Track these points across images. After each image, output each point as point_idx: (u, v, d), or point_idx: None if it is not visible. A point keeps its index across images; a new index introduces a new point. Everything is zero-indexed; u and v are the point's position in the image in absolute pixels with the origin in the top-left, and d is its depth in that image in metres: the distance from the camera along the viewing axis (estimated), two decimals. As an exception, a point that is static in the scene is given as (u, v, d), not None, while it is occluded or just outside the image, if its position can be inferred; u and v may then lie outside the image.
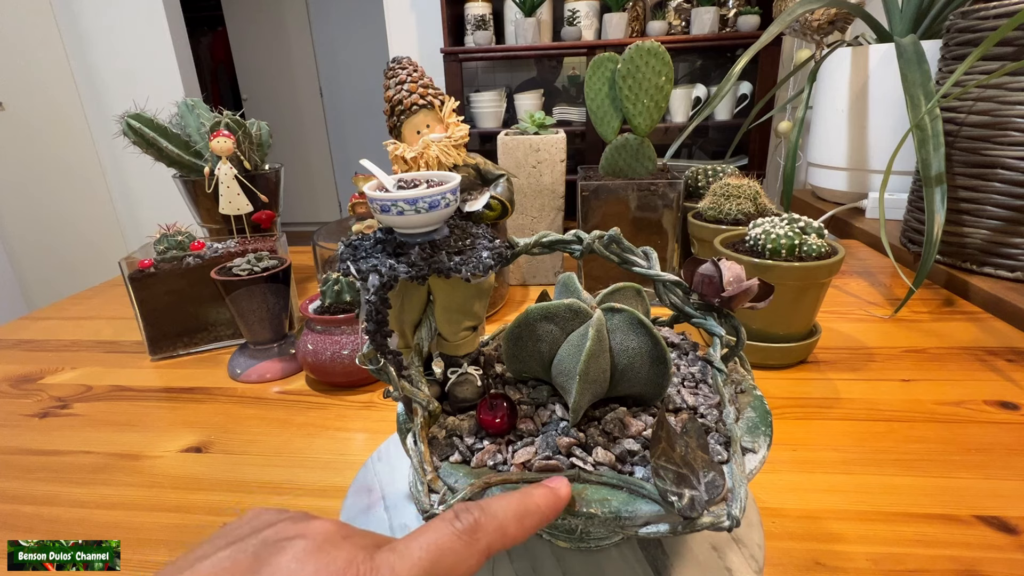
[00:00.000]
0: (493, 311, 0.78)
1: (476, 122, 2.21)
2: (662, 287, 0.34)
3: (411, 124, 0.31)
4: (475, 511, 0.21)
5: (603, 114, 0.74)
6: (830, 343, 0.65)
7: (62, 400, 0.61)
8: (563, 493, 0.23)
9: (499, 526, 0.21)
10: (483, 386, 0.33)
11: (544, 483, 0.24)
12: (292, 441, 0.52)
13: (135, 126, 0.81)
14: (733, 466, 0.27)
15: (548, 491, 0.23)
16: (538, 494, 0.23)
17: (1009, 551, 0.36)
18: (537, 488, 0.23)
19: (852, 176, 1.13)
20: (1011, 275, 0.75)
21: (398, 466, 0.43)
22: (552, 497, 0.23)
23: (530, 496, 0.23)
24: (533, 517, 0.22)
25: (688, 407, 0.31)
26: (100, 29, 2.26)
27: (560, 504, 0.23)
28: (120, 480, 0.48)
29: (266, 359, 0.64)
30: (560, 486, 0.24)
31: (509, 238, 0.31)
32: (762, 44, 0.93)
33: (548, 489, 0.23)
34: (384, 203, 0.27)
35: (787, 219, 0.58)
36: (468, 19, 2.06)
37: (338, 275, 0.59)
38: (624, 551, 0.34)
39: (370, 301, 0.27)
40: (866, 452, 0.47)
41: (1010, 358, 0.60)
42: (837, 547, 0.37)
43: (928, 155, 0.70)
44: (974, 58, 0.66)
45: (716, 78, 2.27)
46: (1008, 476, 0.43)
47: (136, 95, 1.02)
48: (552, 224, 0.84)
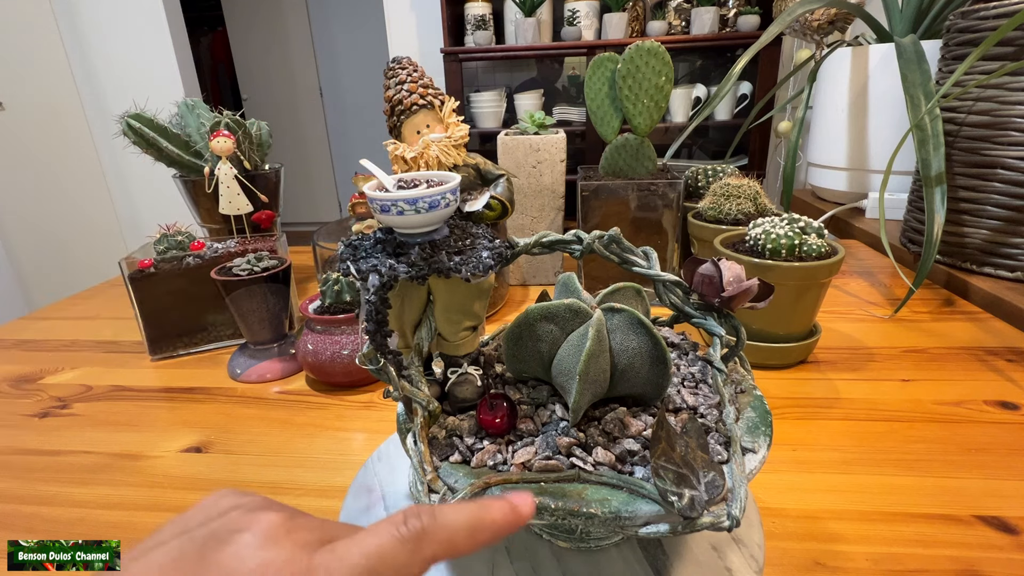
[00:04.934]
0: (493, 311, 0.78)
1: (476, 122, 2.20)
2: (662, 287, 0.34)
3: (411, 124, 0.31)
4: (425, 517, 0.20)
5: (603, 114, 0.74)
6: (830, 343, 0.65)
7: (62, 400, 0.61)
8: (524, 512, 0.22)
9: (448, 537, 0.20)
10: (483, 386, 0.33)
11: (507, 497, 0.22)
12: (292, 441, 0.52)
13: (135, 126, 0.81)
14: (733, 466, 0.27)
15: (508, 508, 0.22)
16: (496, 508, 0.21)
17: (1009, 551, 0.36)
18: (496, 502, 0.22)
19: (852, 176, 1.13)
20: (1011, 275, 0.75)
21: (398, 466, 0.43)
22: (512, 515, 0.22)
23: (487, 511, 0.21)
24: (486, 532, 0.21)
25: (688, 407, 0.31)
26: (100, 29, 2.26)
27: (519, 522, 0.22)
28: (120, 480, 0.48)
29: (266, 359, 0.64)
30: (522, 504, 0.22)
31: (509, 238, 0.31)
32: (762, 44, 0.93)
33: (509, 505, 0.22)
34: (384, 203, 0.27)
35: (787, 219, 0.58)
36: (468, 19, 2.06)
37: (338, 275, 0.59)
38: (624, 551, 0.34)
39: (370, 301, 0.27)
40: (866, 452, 0.47)
41: (1010, 358, 0.60)
42: (837, 547, 0.37)
43: (928, 155, 0.70)
44: (974, 58, 0.66)
45: (716, 78, 2.27)
46: (1008, 476, 0.43)
47: (136, 95, 1.02)
48: (552, 224, 0.84)
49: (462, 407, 0.32)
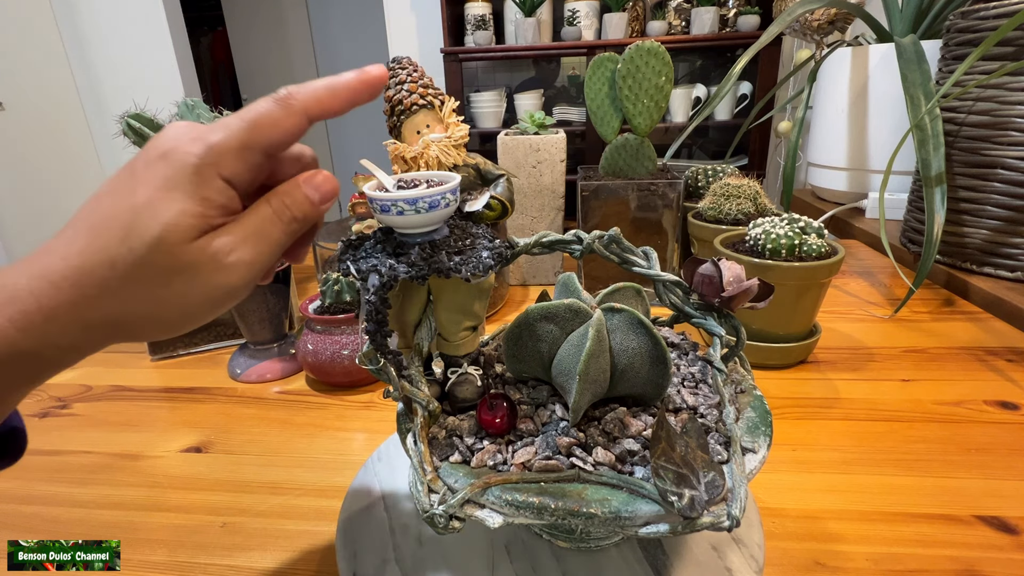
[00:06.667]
0: (493, 311, 0.78)
1: (476, 122, 2.20)
2: (662, 287, 0.34)
3: (411, 124, 0.31)
4: (291, 87, 0.24)
5: (603, 114, 0.74)
6: (830, 343, 0.65)
7: (62, 400, 0.61)
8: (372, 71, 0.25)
9: (311, 95, 0.23)
10: (483, 386, 0.33)
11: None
12: (292, 441, 0.52)
13: (135, 126, 0.81)
14: (733, 466, 0.27)
15: (357, 71, 0.25)
16: (346, 74, 0.25)
17: (1009, 551, 0.36)
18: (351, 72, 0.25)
19: (852, 176, 1.13)
20: (1011, 275, 0.75)
21: (398, 466, 0.43)
22: (361, 75, 0.25)
23: (341, 75, 0.25)
24: (342, 90, 0.24)
25: (688, 407, 0.31)
26: (100, 29, 2.26)
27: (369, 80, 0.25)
28: (120, 480, 0.48)
29: (266, 359, 0.64)
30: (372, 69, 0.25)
31: (509, 238, 0.31)
32: (762, 44, 0.93)
33: (358, 71, 0.25)
34: (384, 203, 0.27)
35: (787, 219, 0.58)
36: (468, 19, 2.06)
37: (338, 275, 0.59)
38: (624, 551, 0.34)
39: (370, 301, 0.27)
40: (866, 452, 0.47)
41: (1010, 358, 0.60)
42: (837, 547, 0.37)
43: (928, 155, 0.70)
44: (974, 58, 0.66)
45: (716, 78, 2.27)
46: (1008, 476, 0.43)
47: (136, 95, 1.02)
48: (552, 224, 0.84)
49: (462, 407, 0.32)
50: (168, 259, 0.21)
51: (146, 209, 0.21)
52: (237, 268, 0.23)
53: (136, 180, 0.22)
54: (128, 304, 0.22)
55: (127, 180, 0.22)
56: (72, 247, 0.21)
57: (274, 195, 0.24)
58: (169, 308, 0.22)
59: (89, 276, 0.21)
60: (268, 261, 0.24)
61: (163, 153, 0.22)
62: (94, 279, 0.21)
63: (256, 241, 0.23)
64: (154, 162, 0.22)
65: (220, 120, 0.22)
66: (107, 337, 0.23)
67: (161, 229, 0.21)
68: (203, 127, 0.22)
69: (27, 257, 0.22)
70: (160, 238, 0.21)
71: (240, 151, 0.22)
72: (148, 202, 0.21)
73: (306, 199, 0.25)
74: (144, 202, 0.21)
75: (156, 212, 0.21)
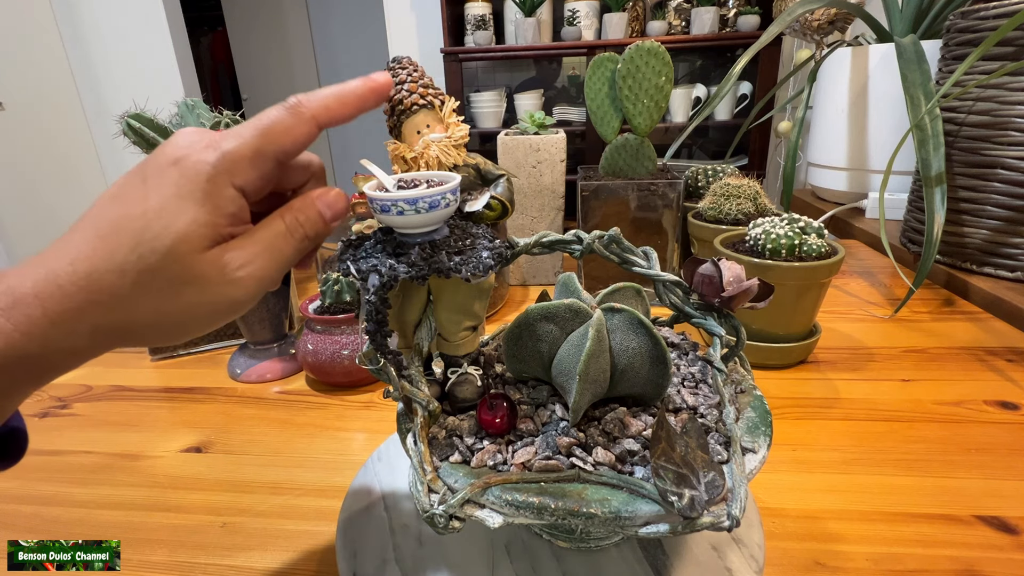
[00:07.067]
0: (493, 311, 0.78)
1: (476, 122, 2.21)
2: (662, 287, 0.34)
3: (411, 124, 0.31)
4: (300, 96, 0.24)
5: (603, 114, 0.74)
6: (830, 343, 0.65)
7: (62, 400, 0.61)
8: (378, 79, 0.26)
9: (320, 103, 0.24)
10: (483, 386, 0.33)
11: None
12: (292, 441, 0.52)
13: (135, 126, 0.81)
14: (733, 466, 0.27)
15: (364, 79, 0.26)
16: (353, 82, 0.25)
17: (1009, 551, 0.36)
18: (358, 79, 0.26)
19: (852, 176, 1.13)
20: (1011, 275, 0.75)
21: (398, 466, 0.43)
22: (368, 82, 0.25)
23: (348, 83, 0.25)
24: (351, 96, 0.25)
25: (688, 407, 0.31)
26: (100, 29, 2.26)
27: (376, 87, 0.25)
28: (120, 480, 0.48)
29: (266, 359, 0.64)
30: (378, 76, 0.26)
31: (509, 238, 0.31)
32: (762, 44, 0.93)
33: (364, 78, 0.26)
34: (384, 203, 0.27)
35: (787, 219, 0.58)
36: (468, 19, 2.06)
37: (338, 275, 0.59)
38: (624, 551, 0.34)
39: (370, 301, 0.27)
40: (866, 452, 0.47)
41: (1010, 358, 0.60)
42: (837, 547, 0.37)
43: (928, 155, 0.70)
44: (974, 58, 0.66)
45: (716, 78, 2.27)
46: (1008, 476, 0.43)
47: (136, 95, 1.02)
48: (552, 224, 0.84)
49: (462, 407, 0.32)
50: (179, 269, 0.21)
51: (158, 218, 0.21)
52: (246, 282, 0.23)
53: (147, 186, 0.21)
54: (135, 312, 0.22)
55: (138, 186, 0.22)
56: (80, 252, 0.21)
57: (288, 211, 0.24)
58: (175, 317, 0.22)
59: (97, 283, 0.21)
60: (277, 276, 0.24)
61: (175, 160, 0.21)
62: (102, 286, 0.21)
63: (267, 256, 0.23)
64: (166, 169, 0.21)
65: (231, 128, 0.22)
66: (111, 343, 0.23)
67: (173, 239, 0.21)
68: (215, 134, 0.23)
69: (32, 259, 0.21)
70: (172, 248, 0.21)
71: (253, 159, 0.22)
72: (160, 210, 0.21)
73: (320, 217, 0.25)
74: (156, 210, 0.21)
75: (168, 221, 0.21)
